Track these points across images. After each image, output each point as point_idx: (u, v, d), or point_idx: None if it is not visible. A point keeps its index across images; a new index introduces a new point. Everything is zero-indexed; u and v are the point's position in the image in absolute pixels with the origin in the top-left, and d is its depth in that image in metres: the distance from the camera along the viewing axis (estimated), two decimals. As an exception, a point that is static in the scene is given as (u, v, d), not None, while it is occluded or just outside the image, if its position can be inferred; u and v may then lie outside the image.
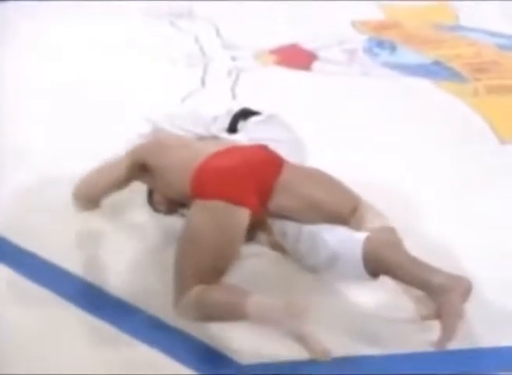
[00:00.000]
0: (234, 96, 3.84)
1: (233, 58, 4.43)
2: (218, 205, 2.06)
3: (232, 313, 1.97)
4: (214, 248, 2.05)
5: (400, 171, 2.98)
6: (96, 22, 5.10)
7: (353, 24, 5.02)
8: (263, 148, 2.33)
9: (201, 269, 2.03)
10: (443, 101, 3.76)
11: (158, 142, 2.51)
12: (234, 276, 2.13)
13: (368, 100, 3.75)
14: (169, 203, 2.44)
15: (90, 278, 2.33)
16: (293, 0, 5.55)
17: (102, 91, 3.71)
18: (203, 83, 4.04)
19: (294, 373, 1.94)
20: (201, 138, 2.61)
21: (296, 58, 4.46)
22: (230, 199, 2.06)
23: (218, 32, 4.88)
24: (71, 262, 2.39)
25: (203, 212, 2.10)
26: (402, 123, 3.48)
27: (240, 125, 2.65)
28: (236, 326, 2.06)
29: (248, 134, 2.57)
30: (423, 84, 3.99)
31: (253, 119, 2.66)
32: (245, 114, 2.72)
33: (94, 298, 2.26)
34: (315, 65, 4.34)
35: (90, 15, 5.25)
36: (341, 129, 3.38)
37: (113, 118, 3.33)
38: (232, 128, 2.65)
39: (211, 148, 2.28)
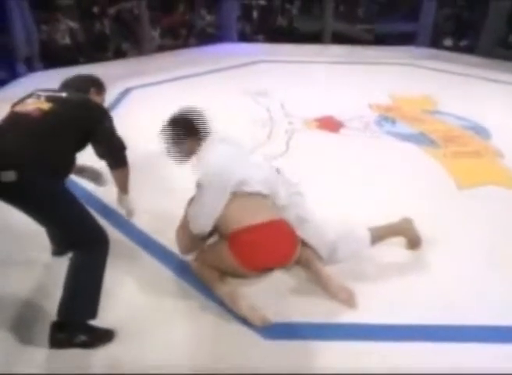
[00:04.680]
0: (288, 148, 3.85)
1: (290, 123, 4.45)
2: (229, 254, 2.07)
3: (210, 288, 2.10)
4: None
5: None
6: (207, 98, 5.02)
7: (370, 106, 4.99)
8: (295, 242, 2.19)
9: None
10: (424, 160, 3.72)
11: None
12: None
13: (374, 156, 3.78)
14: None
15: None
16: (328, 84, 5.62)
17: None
18: (269, 137, 4.07)
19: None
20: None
21: (331, 125, 4.46)
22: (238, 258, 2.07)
23: (282, 106, 4.91)
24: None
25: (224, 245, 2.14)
26: (396, 173, 3.48)
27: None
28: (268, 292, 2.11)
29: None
30: (411, 147, 3.96)
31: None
32: None
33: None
34: (342, 130, 4.36)
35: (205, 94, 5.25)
36: (354, 174, 3.40)
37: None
38: None
39: (251, 212, 2.12)
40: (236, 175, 2.15)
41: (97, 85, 2.33)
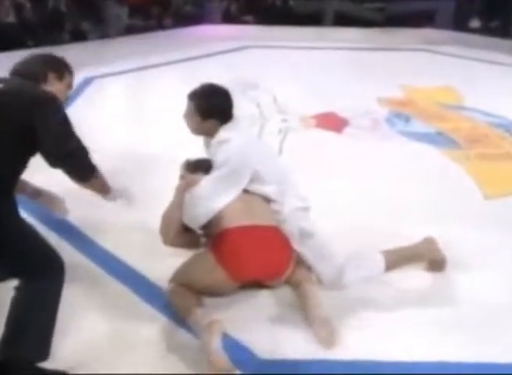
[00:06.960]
0: (281, 150, 3.85)
1: (284, 120, 4.49)
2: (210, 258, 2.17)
3: (184, 316, 2.08)
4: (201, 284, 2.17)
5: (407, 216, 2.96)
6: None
7: (379, 100, 5.05)
8: (287, 250, 2.26)
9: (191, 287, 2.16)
10: (444, 165, 3.74)
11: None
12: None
13: (385, 160, 3.79)
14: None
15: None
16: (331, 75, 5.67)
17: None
18: (259, 138, 3.99)
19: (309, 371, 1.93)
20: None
21: (333, 123, 4.50)
22: (218, 260, 2.14)
23: (275, 100, 4.95)
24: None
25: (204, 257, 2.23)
26: (411, 180, 3.44)
27: None
28: (256, 322, 2.13)
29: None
30: (428, 149, 3.99)
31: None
32: None
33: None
34: (346, 129, 4.39)
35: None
36: (361, 182, 3.39)
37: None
38: None
39: (241, 211, 2.26)
40: (252, 167, 2.36)
41: (57, 67, 2.12)
